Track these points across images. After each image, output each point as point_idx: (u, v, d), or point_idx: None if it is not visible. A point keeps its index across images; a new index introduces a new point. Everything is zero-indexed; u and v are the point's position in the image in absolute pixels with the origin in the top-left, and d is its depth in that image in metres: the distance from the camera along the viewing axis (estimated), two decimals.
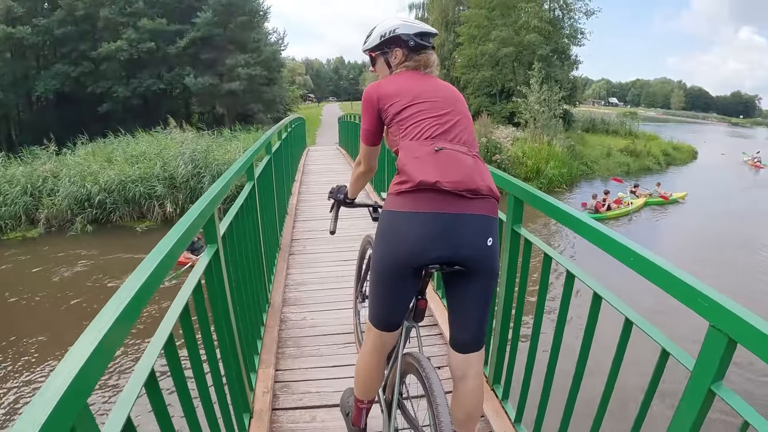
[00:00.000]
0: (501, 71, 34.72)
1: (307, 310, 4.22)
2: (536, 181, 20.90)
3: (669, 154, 35.09)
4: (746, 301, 7.96)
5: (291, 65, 74.92)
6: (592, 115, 42.73)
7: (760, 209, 21.63)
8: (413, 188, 1.85)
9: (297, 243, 6.14)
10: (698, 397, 1.34)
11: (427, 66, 2.21)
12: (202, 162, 15.94)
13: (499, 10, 34.86)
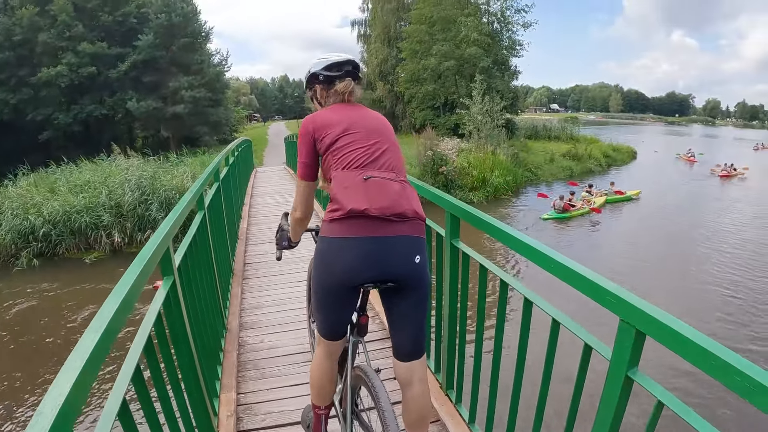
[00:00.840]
0: (444, 84, 35.34)
1: (264, 333, 4.28)
2: (482, 190, 21.23)
3: (609, 156, 36.29)
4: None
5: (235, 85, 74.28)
6: (534, 123, 43.62)
7: (702, 202, 23.55)
8: (345, 216, 2.00)
9: (250, 267, 6.19)
10: (617, 383, 1.51)
11: (346, 94, 2.33)
12: (149, 188, 15.62)
13: (440, 24, 35.65)
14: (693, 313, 10.33)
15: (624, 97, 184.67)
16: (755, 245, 15.76)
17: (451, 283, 2.79)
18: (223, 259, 4.92)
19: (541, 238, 16.31)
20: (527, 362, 2.23)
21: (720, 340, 1.42)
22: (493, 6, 37.23)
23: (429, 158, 20.32)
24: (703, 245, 15.99)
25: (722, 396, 6.99)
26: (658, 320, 1.32)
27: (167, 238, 2.19)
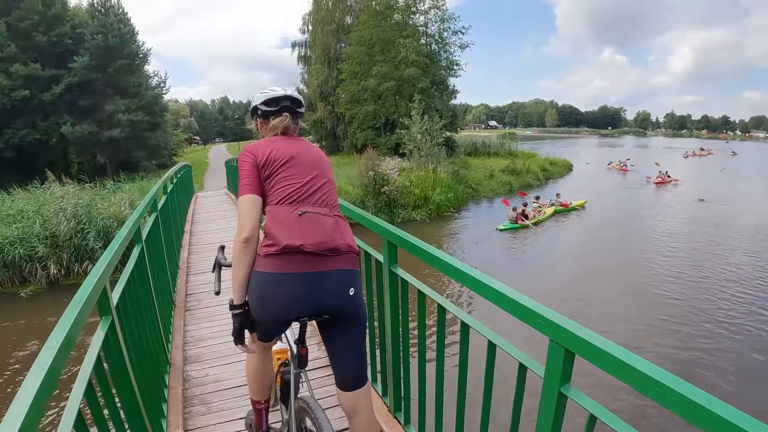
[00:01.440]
0: (384, 105, 35.57)
1: (209, 366, 4.20)
2: (425, 208, 21.43)
3: (547, 170, 37.56)
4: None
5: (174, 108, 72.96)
6: (474, 140, 44.72)
7: (640, 208, 25.35)
8: (280, 251, 2.04)
9: (192, 298, 6.06)
10: (552, 399, 1.58)
11: (279, 129, 2.37)
12: (85, 217, 15.05)
13: (379, 46, 36.06)
14: (636, 318, 10.90)
15: (559, 112, 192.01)
16: (688, 249, 16.88)
17: (392, 308, 2.82)
18: (164, 291, 4.83)
19: (494, 249, 17.31)
20: (476, 381, 2.26)
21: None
22: (431, 28, 38.22)
23: (371, 178, 20.36)
24: (644, 250, 16.86)
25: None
26: (585, 339, 1.40)
27: (103, 277, 2.16)
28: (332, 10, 43.27)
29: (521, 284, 13.36)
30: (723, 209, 24.89)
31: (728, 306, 11.61)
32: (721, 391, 7.77)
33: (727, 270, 14.42)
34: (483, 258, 16.22)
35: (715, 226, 20.71)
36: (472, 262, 15.31)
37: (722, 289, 12.83)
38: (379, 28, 36.05)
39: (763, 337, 9.99)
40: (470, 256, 16.33)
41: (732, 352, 9.37)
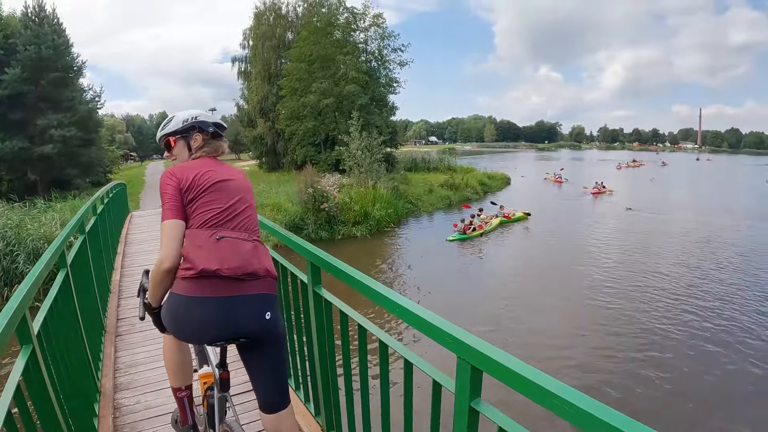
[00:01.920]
0: (324, 121, 35.63)
1: (140, 393, 4.04)
2: (365, 224, 21.52)
3: (485, 184, 38.51)
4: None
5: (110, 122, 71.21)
6: (413, 155, 45.34)
7: (579, 217, 27.45)
8: (196, 275, 2.05)
9: (124, 323, 5.81)
10: (463, 414, 1.63)
11: (221, 153, 2.45)
12: (14, 238, 14.49)
13: (319, 63, 36.22)
14: (574, 324, 11.56)
15: (497, 127, 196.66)
16: (622, 256, 18.16)
17: (318, 328, 2.84)
18: (93, 317, 4.68)
19: (440, 261, 17.82)
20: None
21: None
22: (370, 45, 38.76)
23: (310, 195, 20.33)
24: (583, 257, 17.92)
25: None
26: (489, 356, 1.47)
27: (23, 304, 2.10)
28: (273, 25, 43.22)
29: (465, 294, 14.05)
30: (654, 218, 26.95)
31: (662, 308, 12.56)
32: (656, 393, 8.34)
33: (659, 275, 15.55)
34: (429, 270, 16.61)
35: (648, 233, 22.47)
36: (419, 275, 15.78)
37: (654, 292, 13.87)
38: (319, 45, 36.23)
39: (691, 340, 10.75)
40: (417, 269, 16.64)
41: (665, 355, 10.02)
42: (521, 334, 11.06)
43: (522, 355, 7.10)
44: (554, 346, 10.32)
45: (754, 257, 18.07)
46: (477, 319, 11.88)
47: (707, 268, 16.48)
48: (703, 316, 12.07)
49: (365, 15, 38.24)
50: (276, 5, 43.75)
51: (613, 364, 9.61)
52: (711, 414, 8.00)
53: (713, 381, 9.04)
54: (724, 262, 17.26)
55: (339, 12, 38.39)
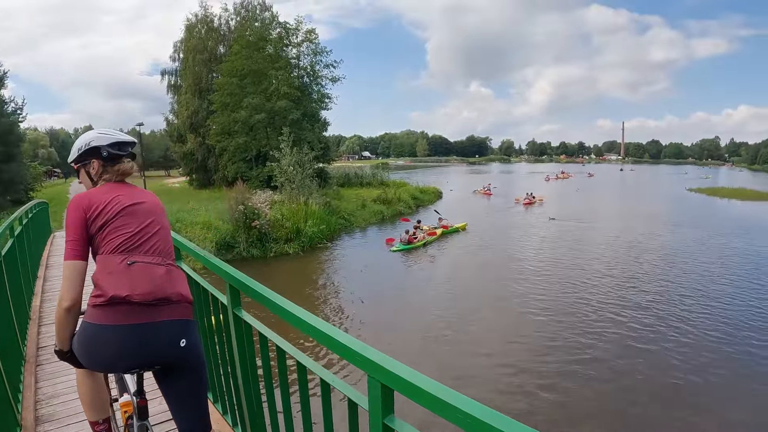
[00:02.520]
0: (255, 137, 35.42)
1: (64, 425, 3.80)
2: (297, 241, 21.51)
3: (417, 198, 39.31)
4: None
5: (32, 137, 68.36)
6: (347, 170, 45.66)
7: (515, 226, 29.63)
8: (107, 302, 1.99)
9: (45, 351, 5.45)
10: (377, 431, 1.63)
11: (126, 175, 2.34)
12: None
13: (251, 77, 36.01)
14: (509, 331, 12.17)
15: (430, 142, 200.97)
16: (552, 261, 19.67)
17: (239, 350, 2.78)
18: (10, 345, 4.45)
19: (382, 272, 18.62)
20: (341, 415, 2.17)
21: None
22: (303, 61, 39.01)
23: (241, 213, 20.18)
24: (515, 263, 19.24)
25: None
26: (397, 374, 1.49)
27: None
28: (205, 38, 42.54)
29: (403, 307, 14.60)
30: (581, 226, 29.00)
31: (590, 313, 13.50)
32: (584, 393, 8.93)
33: (587, 282, 16.71)
34: (365, 284, 16.96)
35: (576, 242, 24.08)
36: (355, 290, 16.03)
37: (583, 298, 14.93)
38: (251, 60, 36.09)
39: (620, 342, 11.59)
40: (352, 284, 16.87)
41: (597, 357, 10.72)
42: (457, 345, 11.45)
43: (459, 365, 7.49)
44: (488, 355, 10.78)
45: (675, 261, 19.73)
46: (413, 331, 12.27)
47: (632, 273, 17.80)
48: (629, 317, 13.15)
49: (298, 30, 38.56)
50: (208, 18, 43.16)
51: (543, 370, 10.14)
52: (643, 411, 8.65)
53: (642, 379, 9.78)
54: (647, 267, 18.74)
55: (272, 27, 38.63)
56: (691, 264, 19.13)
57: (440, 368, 10.18)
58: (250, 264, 18.82)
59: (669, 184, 74.00)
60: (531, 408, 8.69)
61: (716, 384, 9.57)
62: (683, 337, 11.77)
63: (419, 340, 11.70)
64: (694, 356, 10.75)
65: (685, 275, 17.49)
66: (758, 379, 9.81)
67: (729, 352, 10.96)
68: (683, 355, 10.75)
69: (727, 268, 18.62)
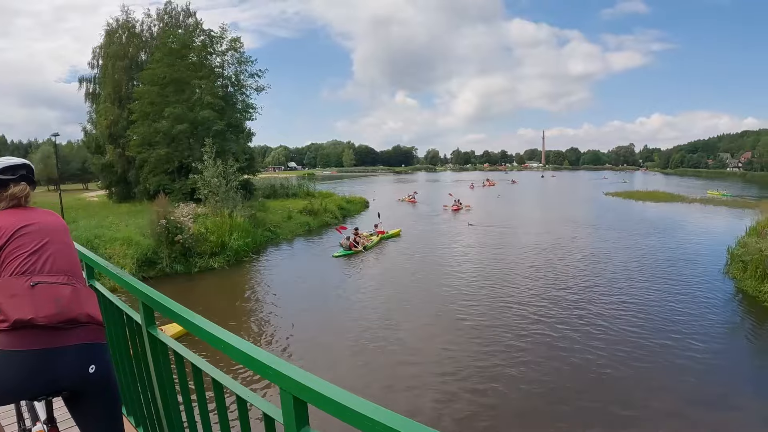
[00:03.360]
0: (177, 148, 34.28)
1: None
2: (222, 255, 21.31)
3: (344, 208, 39.75)
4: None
5: None
6: (272, 181, 45.56)
7: (441, 233, 31.59)
8: (10, 327, 1.91)
9: None
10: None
11: (18, 199, 2.26)
12: None
13: (173, 86, 34.92)
14: (438, 335, 12.84)
15: (356, 152, 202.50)
16: (478, 267, 20.81)
17: (156, 370, 2.71)
18: None
19: (322, 276, 19.40)
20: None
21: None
22: (227, 70, 38.47)
23: (163, 227, 19.77)
24: (444, 270, 20.24)
25: None
26: (309, 386, 1.49)
27: None
28: (126, 44, 40.59)
29: (336, 315, 14.98)
30: (504, 231, 31.29)
31: (515, 315, 14.49)
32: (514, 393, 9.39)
33: (511, 284, 17.92)
34: (298, 294, 17.30)
35: (499, 246, 25.85)
36: (289, 299, 16.47)
37: (507, 299, 16.03)
38: (173, 68, 35.00)
39: (544, 340, 12.56)
40: (281, 295, 17.19)
41: (522, 357, 11.47)
42: (390, 355, 11.82)
43: (392, 375, 7.89)
44: (421, 363, 11.20)
45: (595, 262, 21.53)
46: (344, 343, 12.60)
47: (556, 275, 19.14)
48: (556, 318, 14.16)
49: (222, 38, 37.95)
50: (130, 23, 41.24)
51: (475, 375, 10.66)
52: (574, 406, 9.36)
53: (571, 376, 10.59)
54: (569, 268, 20.24)
55: (196, 34, 37.72)
56: (610, 263, 20.91)
57: (373, 379, 10.55)
58: (174, 280, 18.54)
59: (588, 189, 79.65)
60: (465, 414, 9.12)
61: (639, 376, 10.48)
62: (606, 334, 12.81)
63: (350, 352, 12.05)
64: (617, 351, 11.74)
65: (605, 274, 19.07)
66: (676, 370, 10.82)
67: (648, 345, 12.08)
68: (608, 351, 11.69)
69: (643, 265, 20.61)
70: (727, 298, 16.21)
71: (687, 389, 10.02)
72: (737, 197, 55.72)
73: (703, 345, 12.16)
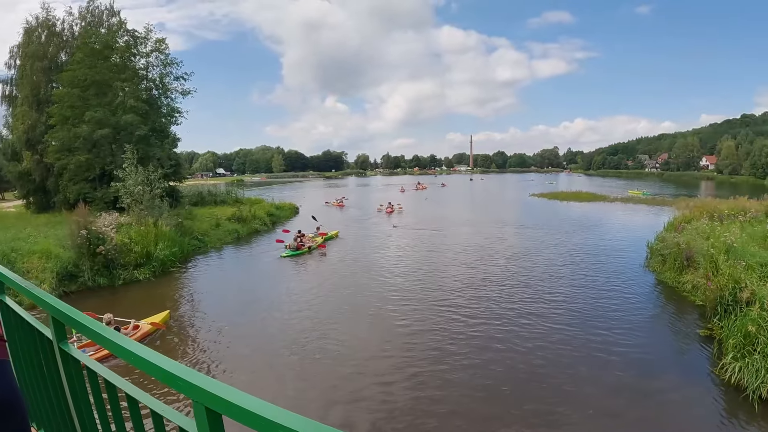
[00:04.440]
0: (99, 154, 32.74)
1: None
2: (148, 266, 20.77)
3: (273, 214, 39.63)
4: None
5: None
6: (200, 188, 44.85)
7: (381, 232, 33.95)
8: None
9: None
10: None
11: None
12: None
13: (94, 89, 33.53)
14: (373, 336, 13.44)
15: (286, 157, 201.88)
16: (412, 269, 21.76)
17: (69, 386, 2.58)
18: None
19: (254, 286, 19.60)
20: None
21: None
22: (152, 72, 37.27)
23: (84, 238, 19.01)
24: (379, 272, 21.02)
25: None
26: (222, 397, 1.45)
27: None
28: (45, 44, 38.28)
29: (268, 325, 15.00)
30: (434, 232, 33.14)
31: (449, 315, 15.10)
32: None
33: (445, 282, 19.07)
34: (228, 304, 17.36)
35: (433, 246, 27.50)
36: (218, 310, 16.37)
37: (439, 301, 16.80)
38: (95, 69, 33.54)
39: (475, 341, 13.12)
40: (215, 304, 17.26)
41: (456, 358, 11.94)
42: (323, 364, 11.93)
43: (328, 385, 8.33)
44: (359, 373, 11.33)
45: (523, 260, 23.01)
46: (276, 354, 12.61)
47: (486, 274, 20.19)
48: (488, 317, 14.90)
49: (147, 39, 36.74)
50: (50, 21, 38.85)
51: (408, 381, 10.93)
52: (510, 405, 9.87)
53: (501, 372, 11.22)
54: (499, 268, 21.41)
55: (119, 34, 36.30)
56: (538, 262, 22.35)
57: (308, 388, 10.68)
58: (98, 294, 18.00)
59: (515, 190, 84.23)
60: (402, 422, 9.34)
61: (570, 371, 11.20)
62: (536, 331, 13.61)
63: (284, 362, 12.10)
64: (548, 347, 12.53)
65: (533, 272, 20.29)
66: (605, 362, 11.65)
67: (577, 340, 12.97)
68: (539, 348, 12.46)
69: (569, 262, 22.13)
70: (648, 290, 17.75)
71: (616, 379, 10.80)
72: (655, 196, 60.56)
73: (629, 336, 13.22)
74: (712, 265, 15.39)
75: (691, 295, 16.04)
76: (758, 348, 10.14)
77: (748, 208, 24.15)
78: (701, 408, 9.59)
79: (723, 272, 14.16)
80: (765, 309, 10.88)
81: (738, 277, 13.08)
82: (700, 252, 17.18)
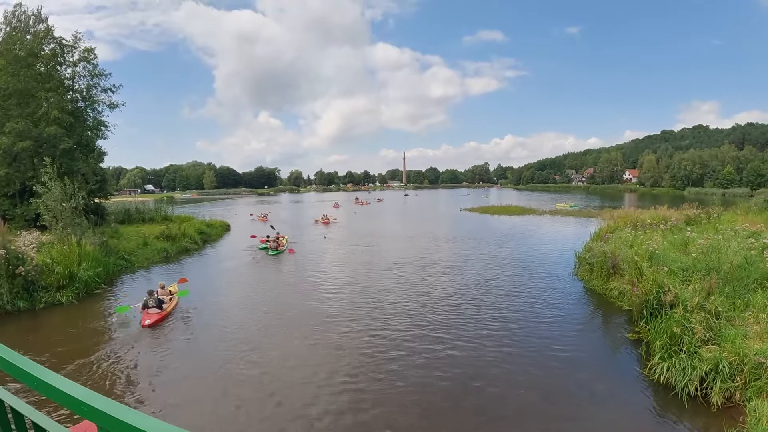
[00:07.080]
0: (19, 168, 30.96)
1: None
2: (71, 287, 19.77)
3: (204, 232, 38.89)
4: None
5: None
6: (127, 205, 43.30)
7: (317, 240, 37.09)
8: None
9: None
10: None
11: None
12: None
13: (16, 98, 31.73)
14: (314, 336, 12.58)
15: (217, 173, 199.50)
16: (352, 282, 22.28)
17: None
18: None
19: (189, 298, 19.30)
20: None
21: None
22: (78, 83, 35.72)
23: (2, 258, 17.93)
24: (317, 285, 21.86)
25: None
26: (125, 422, 1.40)
27: None
28: None
29: (202, 346, 14.63)
30: (370, 246, 34.55)
31: (388, 327, 15.08)
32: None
33: (383, 294, 19.73)
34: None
35: (371, 259, 28.91)
36: (145, 332, 15.21)
37: (375, 315, 17.01)
38: (17, 77, 31.65)
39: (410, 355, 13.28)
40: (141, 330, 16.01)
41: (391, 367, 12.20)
42: (265, 385, 11.55)
43: (268, 407, 8.13)
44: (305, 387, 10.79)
45: (456, 271, 24.01)
46: (212, 377, 12.07)
47: (417, 287, 20.77)
48: (419, 331, 15.15)
49: (75, 48, 35.15)
50: None
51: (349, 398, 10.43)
52: (450, 415, 9.84)
53: (443, 385, 11.43)
54: (433, 280, 22.13)
55: (45, 41, 34.46)
56: (471, 273, 23.40)
57: (241, 414, 10.31)
58: (17, 319, 17.04)
59: (447, 204, 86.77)
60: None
61: (507, 378, 11.63)
62: (472, 341, 14.02)
63: (216, 387, 11.64)
64: (485, 356, 12.92)
65: (467, 284, 21.13)
66: (540, 368, 12.16)
67: (512, 348, 13.48)
68: (476, 358, 12.78)
69: (501, 273, 23.29)
70: (577, 298, 18.65)
71: (549, 384, 11.26)
72: (582, 208, 63.73)
73: (561, 342, 13.87)
74: (637, 271, 16.58)
75: (618, 300, 17.11)
76: (683, 348, 10.89)
77: (668, 218, 25.81)
78: (634, 407, 10.13)
79: (647, 278, 15.09)
80: (688, 311, 11.67)
81: (661, 282, 13.88)
82: (625, 259, 18.39)
